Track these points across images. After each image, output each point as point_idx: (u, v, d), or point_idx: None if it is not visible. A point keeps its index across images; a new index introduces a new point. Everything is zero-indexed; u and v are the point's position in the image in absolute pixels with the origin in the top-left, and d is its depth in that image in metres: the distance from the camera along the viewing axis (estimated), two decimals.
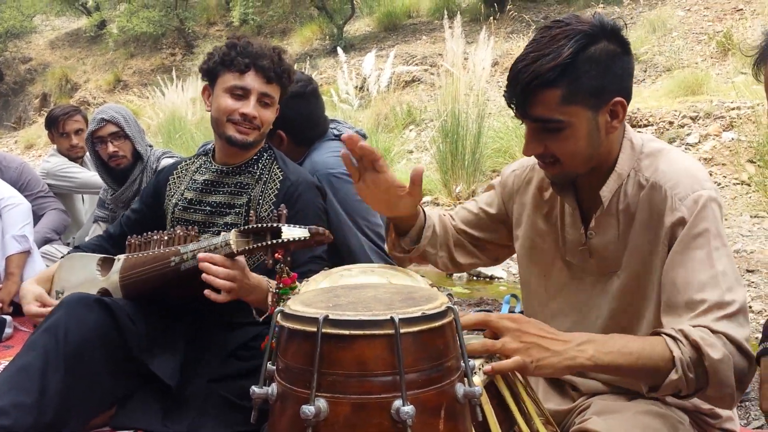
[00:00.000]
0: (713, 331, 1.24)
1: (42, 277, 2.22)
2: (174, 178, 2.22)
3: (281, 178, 2.08)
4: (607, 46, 1.33)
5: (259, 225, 1.67)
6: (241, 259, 1.75)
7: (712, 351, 1.21)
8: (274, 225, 1.65)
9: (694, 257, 1.31)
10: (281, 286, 1.62)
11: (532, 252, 1.62)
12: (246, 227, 1.71)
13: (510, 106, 1.38)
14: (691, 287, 1.29)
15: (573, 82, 1.30)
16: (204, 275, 1.70)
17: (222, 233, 1.75)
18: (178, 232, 1.91)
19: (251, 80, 2.02)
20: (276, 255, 1.63)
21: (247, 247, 1.69)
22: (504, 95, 1.37)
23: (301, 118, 2.49)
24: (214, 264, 1.70)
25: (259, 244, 1.65)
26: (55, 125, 3.92)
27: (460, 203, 5.88)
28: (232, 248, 1.70)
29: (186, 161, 2.27)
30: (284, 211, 1.69)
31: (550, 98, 1.31)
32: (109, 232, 2.31)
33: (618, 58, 1.34)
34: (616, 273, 1.45)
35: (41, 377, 1.70)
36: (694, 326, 1.25)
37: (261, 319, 1.80)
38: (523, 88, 1.31)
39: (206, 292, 1.71)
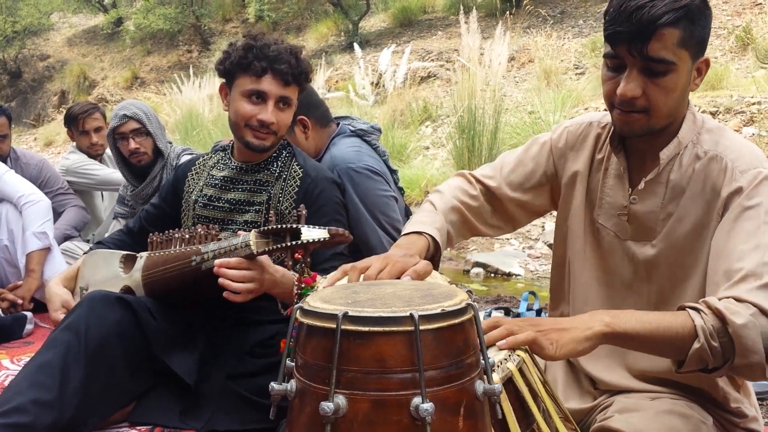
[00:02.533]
0: (742, 300, 1.22)
1: (67, 276, 2.24)
2: (193, 174, 2.23)
3: (301, 175, 2.08)
4: (702, 1, 1.33)
5: (279, 226, 1.67)
6: (263, 257, 1.75)
7: (736, 317, 1.19)
8: (294, 226, 1.65)
9: (742, 228, 1.30)
10: (303, 285, 1.62)
11: (580, 209, 1.60)
12: (266, 228, 1.72)
13: (616, 46, 1.33)
14: (732, 255, 1.29)
15: (690, 26, 1.30)
16: (220, 280, 1.73)
17: (242, 233, 1.76)
18: (199, 231, 1.92)
19: (268, 84, 1.97)
20: (296, 255, 1.63)
21: (267, 248, 1.70)
22: (609, 33, 1.33)
23: (310, 94, 2.53)
24: (230, 268, 1.72)
25: (279, 245, 1.66)
26: (74, 123, 3.94)
27: None
28: (252, 249, 1.70)
29: (204, 157, 2.28)
30: (304, 212, 1.69)
31: (669, 37, 1.29)
32: (129, 226, 2.33)
33: (710, 16, 1.36)
34: (651, 242, 1.45)
35: (61, 374, 1.71)
36: (723, 297, 1.24)
37: (286, 313, 1.80)
38: (648, 23, 1.27)
39: (225, 294, 1.73)
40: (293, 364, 1.05)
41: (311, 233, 1.62)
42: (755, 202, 1.31)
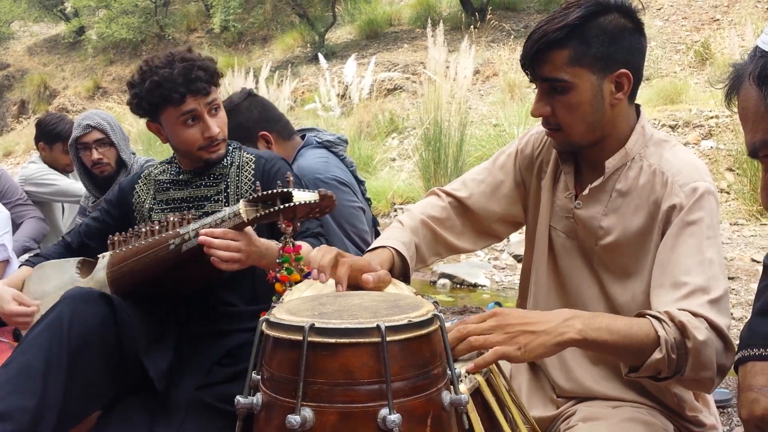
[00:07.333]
0: (695, 315, 1.25)
1: (11, 281, 2.16)
2: (140, 186, 2.17)
3: (254, 159, 2.10)
4: (618, 18, 1.40)
5: (269, 192, 1.66)
6: (249, 229, 1.74)
7: (698, 333, 1.22)
8: (285, 190, 1.63)
9: (685, 243, 1.34)
10: (282, 254, 1.60)
11: (545, 214, 1.63)
12: (254, 196, 1.70)
13: (525, 72, 1.45)
14: (677, 270, 1.32)
15: (580, 45, 1.38)
16: (205, 249, 1.69)
17: (229, 205, 1.74)
18: (171, 218, 1.88)
19: (194, 103, 1.96)
20: (285, 225, 1.62)
21: (257, 215, 1.67)
22: (520, 61, 1.45)
23: (269, 109, 2.58)
24: (215, 238, 1.69)
25: (270, 210, 1.63)
26: (69, 141, 3.85)
27: None
28: (242, 218, 1.67)
29: (149, 168, 2.23)
30: (291, 177, 1.68)
31: (557, 58, 1.38)
32: (66, 241, 2.23)
33: (628, 33, 1.41)
34: (597, 244, 1.48)
35: (43, 378, 1.65)
36: (681, 309, 1.26)
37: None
38: (535, 47, 1.40)
39: (212, 260, 1.69)
40: (259, 377, 1.04)
41: (302, 195, 1.61)
42: (696, 217, 1.35)
